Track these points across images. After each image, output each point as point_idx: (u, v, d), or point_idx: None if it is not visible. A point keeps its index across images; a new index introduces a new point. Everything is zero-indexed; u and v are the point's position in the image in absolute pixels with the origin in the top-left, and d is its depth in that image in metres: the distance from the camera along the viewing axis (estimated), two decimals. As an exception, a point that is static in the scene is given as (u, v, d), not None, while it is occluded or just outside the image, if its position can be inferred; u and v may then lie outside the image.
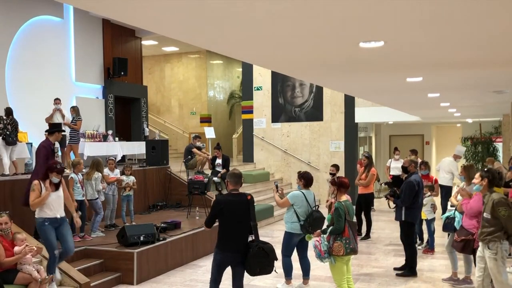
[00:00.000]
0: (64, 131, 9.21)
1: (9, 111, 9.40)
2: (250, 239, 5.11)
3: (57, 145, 9.77)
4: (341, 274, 5.44)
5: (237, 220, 5.02)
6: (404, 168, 7.67)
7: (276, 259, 5.19)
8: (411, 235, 7.40)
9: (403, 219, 7.25)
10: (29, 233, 6.92)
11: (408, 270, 7.31)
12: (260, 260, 4.99)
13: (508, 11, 3.02)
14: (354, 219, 5.69)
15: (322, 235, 5.45)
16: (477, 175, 5.42)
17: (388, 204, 7.80)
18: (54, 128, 8.25)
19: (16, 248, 5.66)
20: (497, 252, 4.98)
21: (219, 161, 12.02)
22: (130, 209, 9.33)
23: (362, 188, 10.12)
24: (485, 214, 5.09)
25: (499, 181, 5.74)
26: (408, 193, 7.13)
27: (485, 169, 5.51)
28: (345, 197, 5.52)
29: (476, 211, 5.73)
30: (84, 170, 8.44)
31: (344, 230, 5.29)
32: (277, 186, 6.71)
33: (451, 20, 3.28)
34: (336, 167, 9.70)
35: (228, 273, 5.19)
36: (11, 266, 5.59)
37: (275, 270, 5.22)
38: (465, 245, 5.92)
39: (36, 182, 6.01)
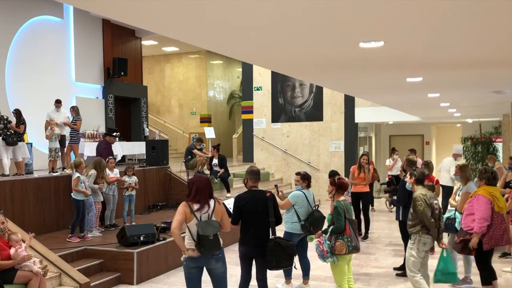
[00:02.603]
0: (119, 135, 9.64)
1: (19, 112, 9.48)
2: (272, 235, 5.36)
3: (57, 145, 9.80)
4: (343, 274, 5.46)
5: (256, 216, 5.20)
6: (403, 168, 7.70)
7: (294, 254, 5.35)
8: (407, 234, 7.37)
9: (400, 218, 7.24)
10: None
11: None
12: (276, 254, 5.16)
13: (508, 11, 3.02)
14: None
15: (323, 235, 5.46)
16: (408, 173, 5.84)
17: (386, 204, 7.81)
18: (109, 132, 9.71)
19: (13, 251, 5.65)
20: (414, 243, 5.49)
21: (215, 161, 12.03)
22: (131, 209, 9.35)
23: (356, 187, 9.99)
24: (411, 209, 5.54)
25: (493, 181, 5.79)
26: (401, 192, 7.12)
27: (414, 168, 5.86)
28: (342, 198, 5.56)
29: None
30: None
31: (345, 228, 5.32)
32: (277, 188, 6.71)
33: (451, 20, 3.28)
34: (333, 175, 9.04)
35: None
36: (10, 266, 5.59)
37: (294, 266, 5.52)
38: (464, 246, 5.92)
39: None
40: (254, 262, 5.43)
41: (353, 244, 5.32)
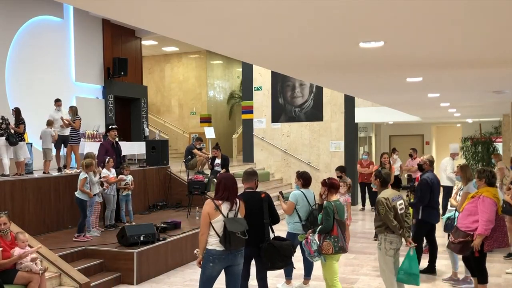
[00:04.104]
0: (116, 128, 9.76)
1: (18, 111, 9.51)
2: (272, 235, 5.42)
3: (49, 145, 9.88)
4: (333, 273, 5.56)
5: (253, 218, 5.15)
6: (420, 166, 7.63)
7: (290, 255, 5.41)
8: (421, 235, 7.31)
9: (420, 217, 7.16)
10: (30, 233, 6.91)
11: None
12: (270, 255, 5.23)
13: (508, 11, 3.02)
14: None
15: (311, 234, 5.57)
16: (373, 174, 5.89)
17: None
18: (107, 129, 9.56)
19: (17, 250, 5.65)
20: (381, 243, 5.54)
21: (218, 161, 12.02)
22: (128, 209, 9.34)
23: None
24: (375, 211, 5.62)
25: (492, 179, 5.83)
26: (424, 189, 7.06)
27: (378, 170, 5.86)
28: (335, 197, 5.68)
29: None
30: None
31: (333, 229, 5.44)
32: (282, 195, 6.72)
33: (451, 20, 3.28)
34: (340, 169, 9.50)
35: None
36: (10, 266, 5.59)
37: (293, 266, 5.60)
38: (463, 247, 5.93)
39: None
40: (254, 261, 5.45)
41: (339, 244, 5.42)
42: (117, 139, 9.83)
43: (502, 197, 7.63)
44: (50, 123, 9.96)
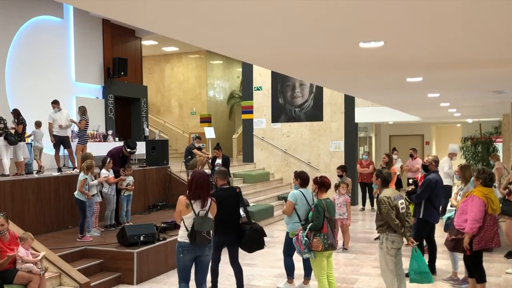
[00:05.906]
0: (134, 152, 9.69)
1: (17, 112, 9.52)
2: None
3: (38, 144, 9.92)
4: (321, 269, 5.67)
5: (231, 209, 5.94)
6: (425, 167, 7.63)
7: (265, 235, 6.19)
8: (423, 234, 7.30)
9: (420, 216, 7.16)
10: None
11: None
12: (254, 239, 5.96)
13: (508, 10, 3.02)
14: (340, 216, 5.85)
15: (301, 232, 5.66)
16: (374, 174, 5.97)
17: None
18: (128, 146, 9.44)
19: (22, 251, 5.66)
20: (383, 242, 5.56)
21: (219, 161, 12.01)
22: (128, 209, 9.34)
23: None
24: (377, 210, 5.65)
25: (489, 182, 5.83)
26: (424, 189, 7.07)
27: (379, 170, 5.91)
28: (325, 195, 5.82)
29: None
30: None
31: (323, 226, 5.57)
32: (285, 200, 6.76)
33: (451, 20, 3.28)
34: (342, 168, 9.72)
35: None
36: (10, 266, 5.59)
37: (265, 245, 6.23)
38: (455, 245, 5.98)
39: None
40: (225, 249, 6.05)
41: (329, 241, 5.56)
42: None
43: (499, 197, 7.63)
44: (39, 124, 10.02)
